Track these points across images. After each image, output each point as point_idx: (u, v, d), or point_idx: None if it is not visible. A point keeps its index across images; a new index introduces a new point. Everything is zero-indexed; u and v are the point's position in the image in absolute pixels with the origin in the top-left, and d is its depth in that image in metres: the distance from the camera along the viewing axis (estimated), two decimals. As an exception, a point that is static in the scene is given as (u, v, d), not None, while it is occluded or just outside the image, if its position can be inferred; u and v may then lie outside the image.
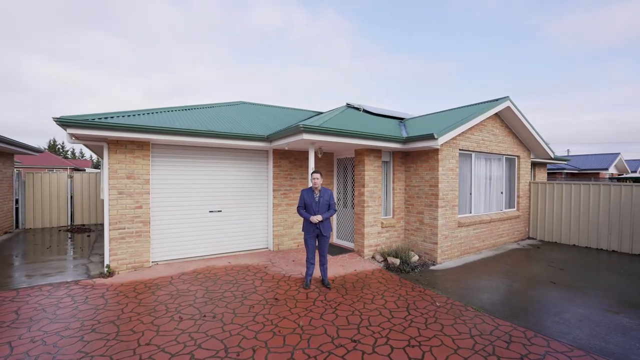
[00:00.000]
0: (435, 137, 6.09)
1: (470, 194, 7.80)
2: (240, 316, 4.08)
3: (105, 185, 5.53)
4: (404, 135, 7.03)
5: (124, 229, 5.64)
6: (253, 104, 10.28)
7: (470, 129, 7.38)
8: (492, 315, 4.28)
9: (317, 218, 5.00)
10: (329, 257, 6.75)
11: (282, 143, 6.20)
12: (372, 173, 7.07)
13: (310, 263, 5.22)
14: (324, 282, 5.25)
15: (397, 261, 6.49)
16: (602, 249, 8.09)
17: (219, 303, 4.47)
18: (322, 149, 6.89)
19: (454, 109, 9.31)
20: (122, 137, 5.29)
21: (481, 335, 3.74)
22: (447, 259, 7.00)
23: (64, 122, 4.67)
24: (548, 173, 15.57)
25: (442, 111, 9.62)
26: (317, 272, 5.77)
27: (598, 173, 18.20)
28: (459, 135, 7.10)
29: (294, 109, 11.07)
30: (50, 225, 10.88)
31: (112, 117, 5.38)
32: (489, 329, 3.92)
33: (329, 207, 5.19)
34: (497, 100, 7.92)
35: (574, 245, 8.57)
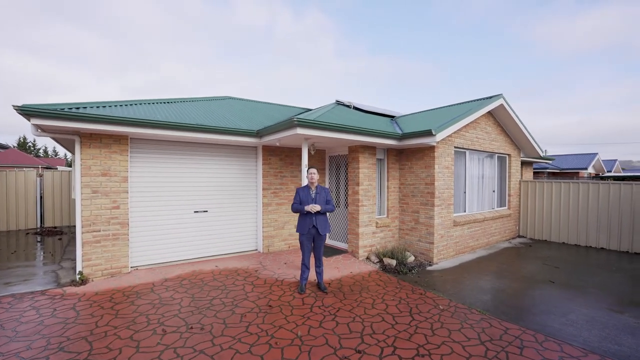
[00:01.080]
0: (434, 133, 5.89)
1: (465, 192, 7.68)
2: (232, 327, 3.70)
3: (78, 183, 4.99)
4: (399, 132, 6.80)
5: (99, 231, 5.12)
6: (240, 99, 9.83)
7: (465, 126, 7.25)
8: (499, 318, 4.09)
9: (314, 207, 4.65)
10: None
11: (273, 138, 5.83)
12: (366, 171, 6.81)
13: (305, 266, 4.89)
14: (320, 286, 4.93)
15: (394, 262, 6.25)
16: (591, 247, 8.16)
17: (207, 312, 4.06)
18: (314, 146, 6.57)
19: (445, 106, 9.20)
20: (96, 129, 4.78)
21: (491, 341, 3.52)
22: (443, 259, 6.82)
23: (28, 111, 4.12)
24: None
25: (433, 109, 9.49)
26: (311, 275, 5.44)
27: (578, 172, 18.74)
28: (454, 132, 6.95)
29: (282, 105, 10.69)
30: (16, 227, 10.02)
31: (85, 108, 4.86)
32: (498, 333, 3.71)
33: (327, 204, 4.87)
34: (490, 97, 7.83)
35: (564, 243, 8.61)
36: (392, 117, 9.68)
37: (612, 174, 20.93)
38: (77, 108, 4.75)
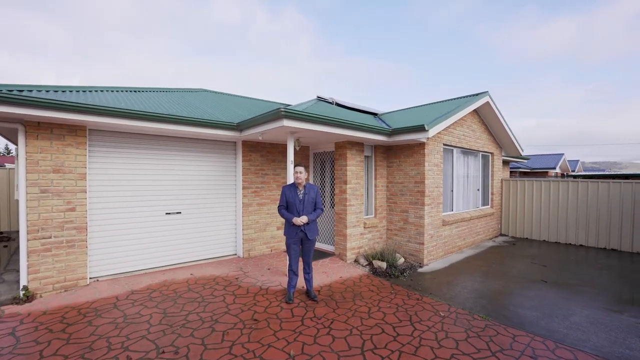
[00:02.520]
0: (426, 128, 5.62)
1: (452, 191, 7.51)
2: (212, 348, 3.16)
3: (22, 181, 4.20)
4: (389, 127, 6.48)
5: (50, 237, 4.35)
6: (216, 92, 9.14)
7: (453, 123, 7.07)
8: (503, 324, 3.84)
9: (302, 220, 4.22)
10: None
11: (256, 132, 5.30)
12: (354, 168, 6.43)
13: (293, 273, 4.42)
14: (309, 294, 4.47)
15: (384, 265, 5.92)
16: (570, 244, 8.29)
17: (182, 331, 3.48)
18: (299, 141, 6.10)
19: (429, 104, 9.05)
20: (46, 117, 4.03)
21: (502, 351, 3.24)
22: (433, 260, 6.59)
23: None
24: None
25: (417, 106, 9.32)
26: (299, 281, 4.96)
27: (547, 172, 19.56)
28: (444, 129, 6.73)
29: (262, 100, 10.11)
30: (-47, 234, 8.71)
31: (30, 91, 4.09)
32: (507, 341, 3.44)
33: (315, 207, 4.43)
34: (477, 95, 7.73)
35: (544, 240, 8.72)
36: (374, 114, 9.40)
37: (578, 173, 22.07)
38: (21, 91, 3.98)
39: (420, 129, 5.70)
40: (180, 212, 5.77)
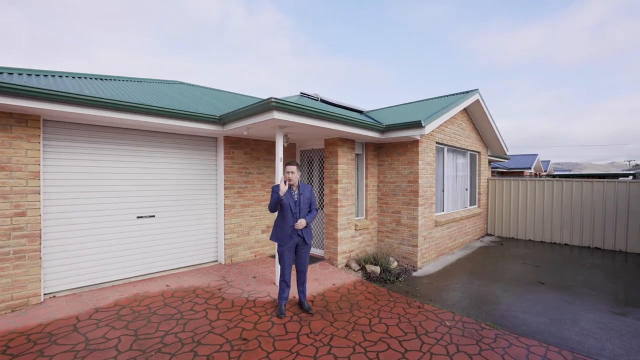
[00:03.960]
0: (423, 124, 5.33)
1: (443, 190, 7.32)
2: (195, 379, 2.66)
3: (-43, 180, 3.48)
4: (382, 123, 6.16)
5: (-6, 248, 3.65)
6: (195, 85, 8.47)
7: (445, 121, 6.86)
8: (514, 333, 3.58)
9: (301, 223, 3.77)
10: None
11: (241, 126, 4.78)
12: (345, 167, 6.06)
13: (286, 284, 3.95)
14: (303, 305, 4.03)
15: (378, 269, 5.58)
16: (555, 243, 8.35)
17: (158, 358, 2.94)
18: (288, 137, 5.64)
19: (418, 101, 8.88)
20: (-14, 104, 3.35)
21: (521, 366, 2.96)
22: (426, 263, 6.34)
23: None
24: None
25: (406, 104, 9.12)
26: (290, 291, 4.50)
27: (522, 172, 20.18)
28: (436, 127, 6.50)
29: (243, 94, 9.52)
30: None
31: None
32: (522, 353, 3.17)
33: (310, 208, 4.00)
34: (467, 92, 7.60)
35: (530, 240, 8.75)
36: (360, 111, 9.10)
37: (550, 173, 22.94)
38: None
39: (416, 125, 5.41)
40: (153, 216, 5.15)
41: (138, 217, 4.99)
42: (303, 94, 8.48)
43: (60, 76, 4.85)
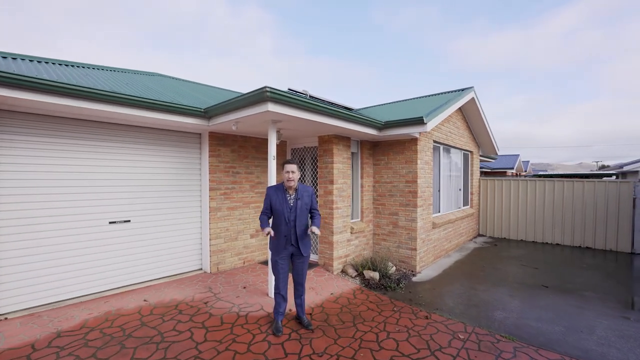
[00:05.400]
0: (425, 121, 5.03)
1: (439, 191, 7.08)
2: (180, 422, 2.18)
3: None
4: (380, 120, 5.82)
5: None
6: (175, 78, 7.84)
7: (444, 119, 6.62)
8: (532, 345, 3.31)
9: (314, 230, 3.33)
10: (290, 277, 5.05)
11: (229, 120, 4.30)
12: (341, 166, 5.68)
13: (282, 298, 3.52)
14: (301, 320, 3.61)
15: (377, 275, 5.23)
16: (547, 243, 8.31)
17: (133, 395, 2.44)
18: (281, 133, 5.19)
19: (411, 99, 8.67)
20: None
21: (550, 386, 2.66)
22: (425, 267, 6.05)
23: None
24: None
25: (396, 102, 8.88)
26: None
27: (505, 172, 20.52)
28: (436, 125, 6.24)
29: (227, 89, 8.95)
30: None
31: None
32: (547, 370, 2.89)
33: (312, 212, 3.57)
34: (463, 90, 7.40)
35: (522, 240, 8.68)
36: (350, 109, 8.79)
37: (539, 173, 23.49)
38: None
39: (418, 121, 5.10)
40: (129, 221, 4.57)
41: (111, 223, 4.39)
42: (292, 90, 8.04)
43: (14, 58, 4.19)
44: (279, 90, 3.56)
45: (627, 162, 13.96)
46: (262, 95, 3.54)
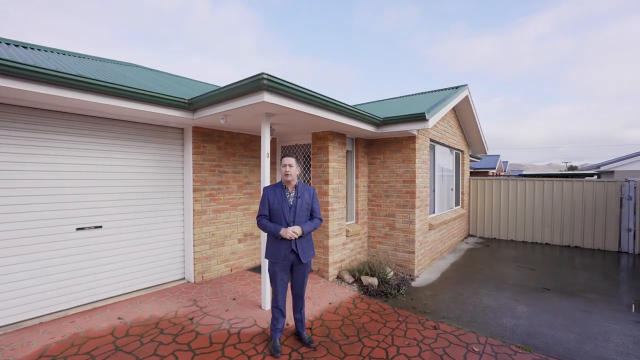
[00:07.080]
0: (426, 117, 4.76)
1: (434, 191, 6.87)
2: None
3: None
4: (379, 115, 5.52)
5: None
6: (153, 69, 7.22)
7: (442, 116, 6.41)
8: (551, 356, 3.08)
9: (292, 232, 2.92)
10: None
11: (218, 112, 3.84)
12: (336, 165, 5.33)
13: (280, 312, 3.11)
14: (302, 337, 3.22)
15: (375, 281, 4.92)
16: (537, 242, 8.32)
17: None
18: (274, 128, 4.77)
19: (404, 96, 8.47)
20: None
21: (584, 406, 2.42)
22: (422, 270, 5.81)
23: None
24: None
25: (387, 99, 8.68)
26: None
27: (487, 172, 20.92)
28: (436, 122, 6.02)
29: (210, 84, 8.40)
30: None
31: None
32: (574, 386, 2.66)
33: (312, 215, 3.19)
34: (457, 87, 7.26)
35: (512, 240, 8.66)
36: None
37: (508, 173, 24.08)
38: None
39: (419, 118, 4.83)
40: (100, 227, 4.01)
41: (78, 229, 3.83)
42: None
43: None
44: (278, 78, 3.15)
45: (603, 162, 14.46)
46: (257, 84, 3.12)
